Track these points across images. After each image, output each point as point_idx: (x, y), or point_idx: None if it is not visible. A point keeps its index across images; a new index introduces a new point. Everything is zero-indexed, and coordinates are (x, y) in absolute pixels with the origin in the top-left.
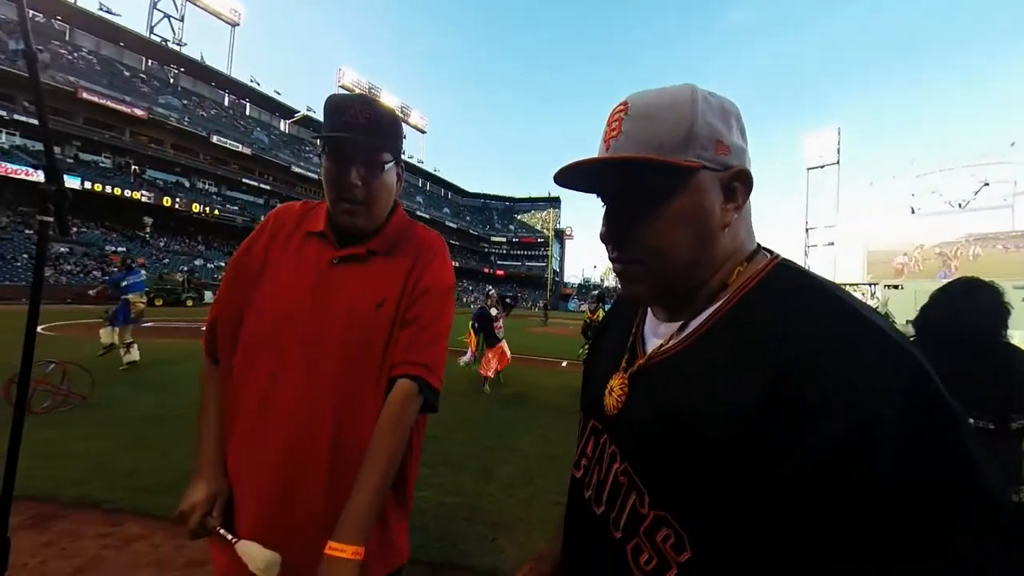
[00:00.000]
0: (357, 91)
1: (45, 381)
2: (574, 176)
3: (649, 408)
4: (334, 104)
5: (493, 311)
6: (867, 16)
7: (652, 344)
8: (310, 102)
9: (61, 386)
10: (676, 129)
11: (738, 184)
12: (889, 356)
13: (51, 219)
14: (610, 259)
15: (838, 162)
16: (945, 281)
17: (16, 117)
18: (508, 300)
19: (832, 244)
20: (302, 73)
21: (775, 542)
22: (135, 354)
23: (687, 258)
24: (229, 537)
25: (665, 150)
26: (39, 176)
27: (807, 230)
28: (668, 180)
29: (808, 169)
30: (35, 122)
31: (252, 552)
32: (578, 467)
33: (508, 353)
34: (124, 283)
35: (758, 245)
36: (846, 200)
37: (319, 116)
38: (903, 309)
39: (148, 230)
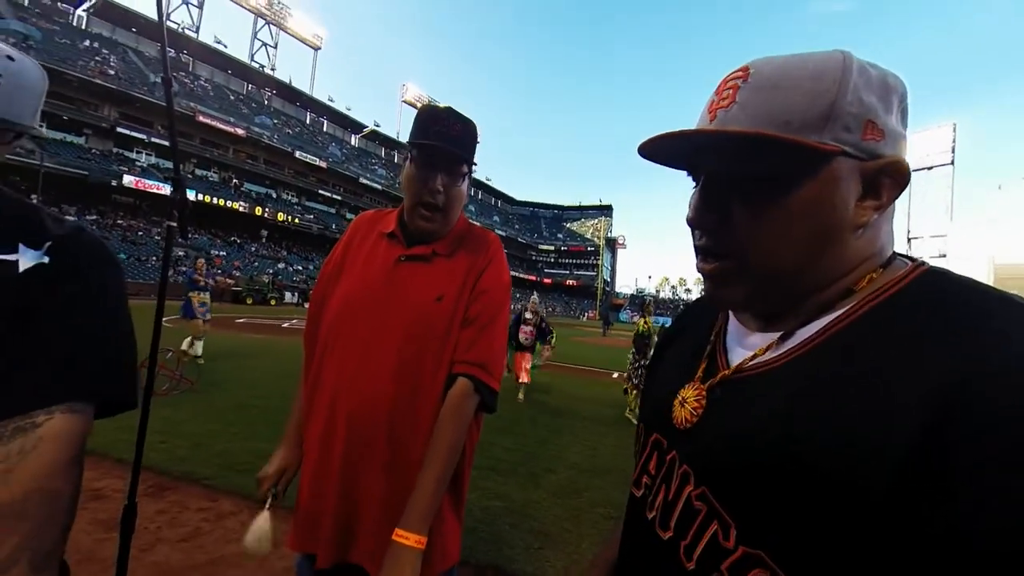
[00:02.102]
0: (419, 105)
1: (164, 367)
2: (665, 148)
3: (737, 426)
4: (429, 114)
5: (528, 315)
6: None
7: (738, 355)
8: (376, 117)
9: (176, 371)
10: (813, 103)
11: (886, 179)
12: None
13: (175, 224)
14: (695, 246)
15: (952, 163)
16: None
17: (153, 140)
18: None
19: (944, 256)
20: (368, 90)
21: None
22: (198, 348)
23: (799, 261)
24: (267, 505)
25: (793, 128)
26: (168, 190)
27: (909, 240)
28: (792, 164)
29: (912, 171)
30: (167, 144)
31: (257, 524)
32: (639, 485)
33: (528, 364)
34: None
35: (894, 252)
36: (959, 207)
37: (384, 130)
38: None
39: (264, 240)
